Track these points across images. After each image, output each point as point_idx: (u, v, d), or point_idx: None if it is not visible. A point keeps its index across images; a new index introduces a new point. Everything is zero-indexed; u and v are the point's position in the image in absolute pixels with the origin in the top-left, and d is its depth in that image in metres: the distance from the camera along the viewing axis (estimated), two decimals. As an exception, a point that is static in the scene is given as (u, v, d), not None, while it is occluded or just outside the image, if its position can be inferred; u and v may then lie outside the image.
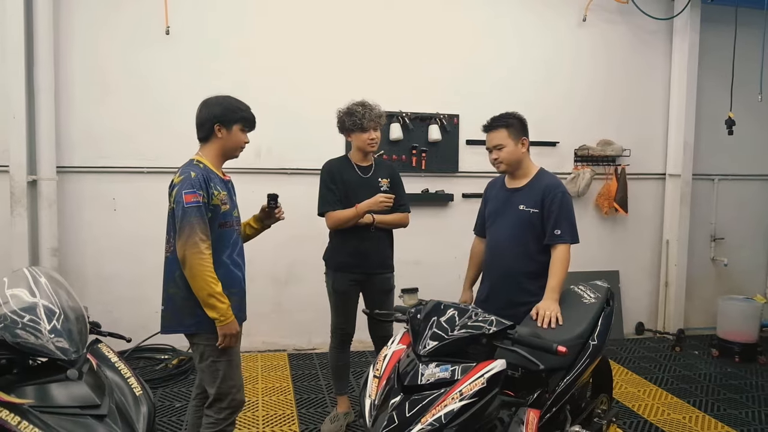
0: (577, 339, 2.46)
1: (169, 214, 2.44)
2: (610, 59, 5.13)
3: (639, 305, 5.35)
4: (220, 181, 2.50)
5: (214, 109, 2.48)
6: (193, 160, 2.47)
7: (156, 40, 4.34)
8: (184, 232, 2.33)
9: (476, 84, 4.85)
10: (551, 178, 2.87)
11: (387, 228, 3.36)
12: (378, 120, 3.23)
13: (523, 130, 2.85)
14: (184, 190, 2.33)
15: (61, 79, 4.25)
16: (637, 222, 5.29)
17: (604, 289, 2.81)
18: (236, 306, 2.55)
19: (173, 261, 2.41)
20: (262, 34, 4.55)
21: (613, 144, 5.07)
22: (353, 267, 3.28)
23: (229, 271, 2.52)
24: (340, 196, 3.25)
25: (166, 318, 2.50)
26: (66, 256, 4.35)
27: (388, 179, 3.35)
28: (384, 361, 2.13)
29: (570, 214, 2.78)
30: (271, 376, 4.28)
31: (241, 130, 2.53)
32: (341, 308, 3.37)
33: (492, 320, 2.06)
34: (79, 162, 4.33)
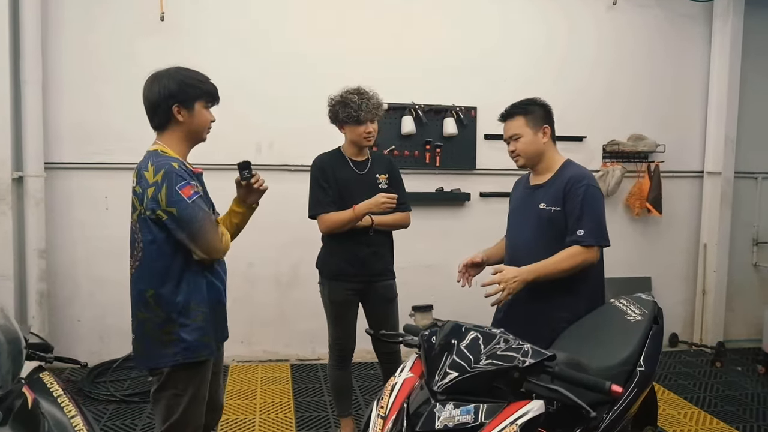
0: (623, 365, 2.03)
1: (136, 220, 1.98)
2: (643, 47, 4.63)
3: (673, 315, 4.81)
4: (192, 173, 2.05)
5: (168, 87, 1.97)
6: (157, 151, 1.99)
7: (150, 28, 3.98)
8: (203, 231, 1.92)
9: (495, 74, 4.40)
10: (576, 169, 2.41)
11: (387, 230, 2.95)
12: (376, 111, 2.82)
13: (545, 117, 2.42)
14: (176, 185, 1.88)
15: (50, 70, 3.92)
16: (671, 224, 4.77)
17: (651, 304, 2.35)
18: (213, 323, 2.09)
19: (141, 279, 1.98)
20: (265, 21, 4.17)
21: (645, 139, 4.56)
22: (351, 275, 2.88)
23: (210, 282, 2.07)
24: (333, 195, 2.83)
25: (136, 348, 2.07)
26: (54, 258, 4.01)
27: (387, 175, 2.94)
28: (391, 395, 1.70)
29: (597, 211, 2.31)
30: (271, 390, 3.87)
31: (204, 107, 2.04)
32: (339, 321, 2.96)
33: (527, 350, 1.61)
34: (68, 158, 3.99)
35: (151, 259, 1.96)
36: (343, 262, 2.88)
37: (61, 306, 4.06)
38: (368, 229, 2.84)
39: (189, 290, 1.98)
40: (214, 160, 3.97)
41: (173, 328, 1.96)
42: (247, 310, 4.23)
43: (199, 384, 2.05)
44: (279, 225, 4.16)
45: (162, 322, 1.96)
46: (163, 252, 1.95)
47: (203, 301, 2.02)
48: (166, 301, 1.95)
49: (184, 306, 1.97)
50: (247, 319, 4.23)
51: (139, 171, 1.96)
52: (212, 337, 2.06)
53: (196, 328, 1.98)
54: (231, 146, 4.05)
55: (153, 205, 1.90)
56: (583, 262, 2.27)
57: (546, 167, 2.43)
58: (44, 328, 3.92)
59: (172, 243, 1.95)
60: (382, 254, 2.93)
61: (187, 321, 1.97)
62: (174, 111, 1.98)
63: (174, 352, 1.97)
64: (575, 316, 2.29)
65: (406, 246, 3.17)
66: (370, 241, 2.86)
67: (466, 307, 3.02)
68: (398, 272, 3.91)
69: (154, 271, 1.96)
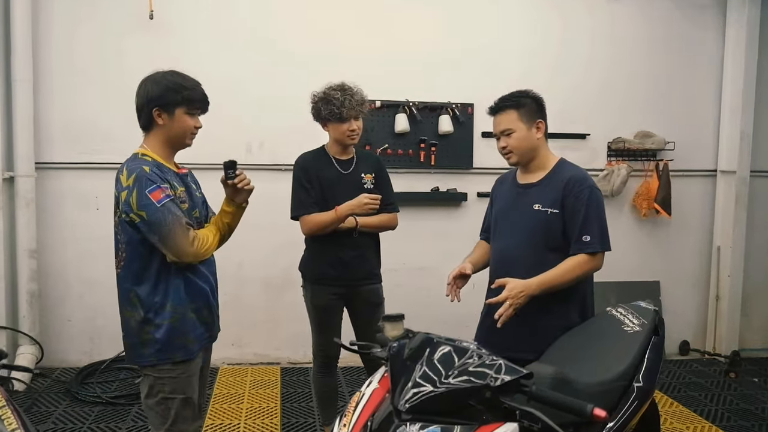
0: (616, 381, 1.86)
1: (117, 223, 1.99)
2: (651, 39, 4.37)
3: (683, 321, 4.53)
4: (174, 176, 2.05)
5: (151, 91, 1.99)
6: (138, 154, 2.01)
7: (139, 26, 3.91)
8: (172, 235, 1.90)
9: (493, 69, 4.20)
10: (575, 169, 2.24)
11: (372, 232, 2.80)
12: (360, 108, 2.68)
13: (539, 111, 2.24)
14: (146, 189, 1.89)
15: (40, 69, 3.88)
16: (681, 225, 4.48)
17: (651, 313, 2.17)
18: (202, 325, 2.09)
19: (125, 278, 2.00)
20: (255, 19, 4.06)
21: (653, 136, 4.30)
22: (334, 278, 2.74)
23: (190, 283, 2.03)
24: (316, 196, 2.71)
25: (125, 344, 2.08)
26: (45, 259, 3.97)
27: (373, 174, 2.80)
28: (355, 411, 1.56)
29: (601, 215, 2.15)
30: (259, 394, 3.76)
31: (186, 114, 2.02)
32: (323, 326, 2.82)
33: (500, 365, 1.45)
34: (59, 158, 3.95)
35: (130, 259, 1.99)
36: (325, 265, 2.75)
37: (52, 306, 4.03)
38: (352, 231, 2.70)
39: (166, 291, 1.98)
40: (203, 159, 3.90)
41: (150, 328, 1.97)
42: (237, 312, 4.12)
43: (186, 387, 2.04)
44: (270, 225, 4.03)
45: (141, 322, 1.98)
46: (140, 253, 1.97)
47: (181, 302, 2.00)
48: (143, 301, 1.97)
49: (161, 306, 1.97)
50: (237, 321, 4.12)
51: (118, 174, 1.97)
52: (192, 339, 2.03)
53: (170, 329, 1.98)
54: (221, 146, 3.94)
55: (126, 209, 1.92)
56: (590, 271, 2.14)
57: (539, 165, 2.25)
58: (35, 328, 3.89)
59: (148, 244, 1.95)
60: (367, 257, 2.78)
61: (163, 321, 1.97)
62: (154, 114, 1.99)
63: (150, 352, 1.99)
64: (567, 323, 2.13)
65: (399, 248, 3.02)
66: (354, 244, 2.72)
67: (462, 311, 2.85)
68: (392, 274, 3.76)
69: (134, 271, 1.99)
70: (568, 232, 2.14)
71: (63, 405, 3.51)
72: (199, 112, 2.06)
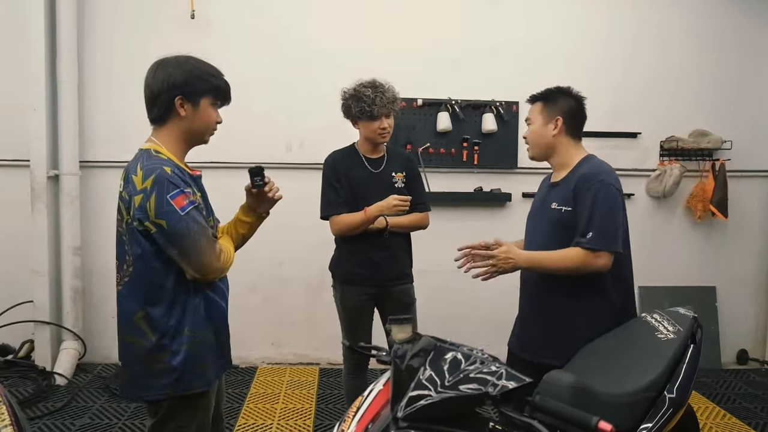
0: (644, 392, 1.71)
1: (124, 231, 1.70)
2: (707, 33, 4.09)
3: (741, 329, 4.23)
4: (190, 179, 1.74)
5: (173, 76, 1.69)
6: (150, 151, 1.70)
7: (181, 26, 3.86)
8: (197, 248, 1.64)
9: (538, 65, 3.99)
10: (593, 165, 2.09)
11: (404, 231, 2.70)
12: (391, 105, 2.56)
13: (566, 110, 2.12)
14: (168, 194, 1.60)
15: (86, 69, 3.88)
16: (739, 228, 4.19)
17: (689, 320, 1.99)
18: (219, 351, 1.81)
19: (129, 298, 1.70)
20: (297, 17, 3.96)
21: (709, 135, 4.02)
22: (365, 279, 2.64)
23: (210, 302, 1.77)
24: (345, 196, 2.63)
25: (123, 376, 1.79)
26: (90, 256, 3.96)
27: (404, 173, 2.68)
28: (354, 419, 1.47)
29: (608, 212, 1.98)
30: (295, 394, 3.66)
31: (211, 105, 1.76)
32: (353, 327, 2.72)
33: (502, 373, 1.35)
34: (103, 156, 3.93)
35: (140, 275, 1.68)
36: (356, 265, 2.65)
37: (96, 303, 4.01)
38: (383, 231, 2.59)
39: (183, 312, 1.69)
40: (247, 158, 3.83)
41: (164, 356, 1.67)
42: (278, 311, 4.05)
43: (203, 416, 1.80)
44: (309, 225, 3.88)
45: (152, 348, 1.67)
46: (154, 268, 1.66)
47: (200, 324, 1.73)
48: (157, 324, 1.67)
49: (177, 330, 1.68)
50: (277, 320, 4.05)
51: (127, 174, 1.68)
52: (210, 366, 1.77)
53: (190, 356, 1.70)
54: (262, 144, 3.89)
55: (140, 215, 1.62)
56: (583, 267, 1.96)
57: (561, 163, 2.15)
58: (78, 325, 3.88)
59: (164, 257, 1.66)
60: (398, 257, 2.68)
61: (181, 348, 1.68)
62: (176, 104, 1.70)
63: (164, 383, 1.68)
64: (599, 328, 1.99)
65: (441, 249, 2.90)
66: (385, 244, 2.62)
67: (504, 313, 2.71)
68: (432, 276, 3.61)
69: (145, 289, 1.68)
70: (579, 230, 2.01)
71: (101, 400, 3.48)
72: (221, 104, 1.81)
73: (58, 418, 3.26)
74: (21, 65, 3.75)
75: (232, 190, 1.97)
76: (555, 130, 2.12)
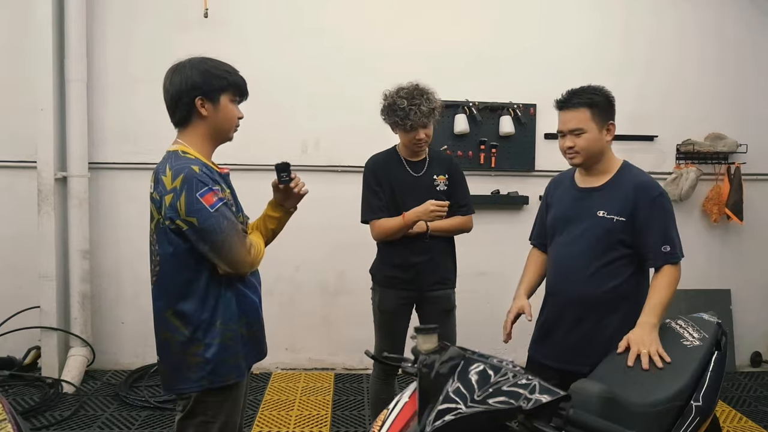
0: (672, 401, 1.64)
1: (155, 229, 1.70)
2: (723, 36, 4.01)
3: (756, 332, 4.17)
4: (219, 177, 1.76)
5: (191, 77, 1.71)
6: (178, 152, 1.70)
7: (194, 25, 3.71)
8: (228, 243, 1.64)
9: (557, 68, 3.89)
10: (642, 174, 2.05)
11: (446, 236, 2.60)
12: (426, 118, 2.44)
13: (610, 112, 2.05)
14: (197, 192, 1.61)
15: (95, 68, 3.71)
16: (754, 232, 4.12)
17: (714, 326, 1.94)
18: (251, 343, 1.82)
19: (162, 294, 1.71)
20: (311, 14, 3.82)
21: (725, 138, 3.96)
22: (404, 283, 2.56)
23: (242, 296, 1.77)
24: (386, 200, 2.55)
25: (162, 372, 1.80)
26: (99, 259, 3.80)
27: (446, 176, 2.59)
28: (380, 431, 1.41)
29: (675, 222, 2.00)
30: (310, 401, 3.53)
31: (231, 101, 1.77)
32: (387, 331, 2.65)
33: (535, 385, 1.30)
34: (113, 158, 3.77)
35: (171, 273, 1.69)
36: (395, 268, 2.58)
37: (105, 308, 3.85)
38: (424, 235, 2.50)
39: (216, 306, 1.70)
40: (257, 159, 3.69)
41: (198, 349, 1.69)
42: (293, 316, 3.91)
43: (230, 410, 1.78)
44: (326, 228, 3.83)
45: (185, 342, 1.69)
46: (186, 264, 1.68)
47: (233, 317, 1.74)
48: (190, 318, 1.69)
49: (210, 324, 1.70)
50: (292, 324, 3.90)
51: (157, 175, 1.69)
52: (243, 357, 1.78)
53: (223, 348, 1.71)
54: (275, 145, 3.75)
55: (171, 214, 1.63)
56: (677, 282, 1.95)
57: (603, 168, 2.06)
58: (86, 330, 3.71)
59: (196, 254, 1.67)
60: (439, 262, 2.58)
61: (214, 341, 1.70)
62: (197, 104, 1.71)
63: (199, 376, 1.70)
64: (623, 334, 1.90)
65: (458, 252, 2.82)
66: (425, 248, 2.54)
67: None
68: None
69: (175, 286, 1.69)
70: (638, 241, 1.96)
71: (111, 408, 3.33)
72: (240, 100, 1.81)
73: (65, 427, 3.10)
74: (27, 62, 3.58)
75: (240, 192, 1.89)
76: (608, 136, 2.04)
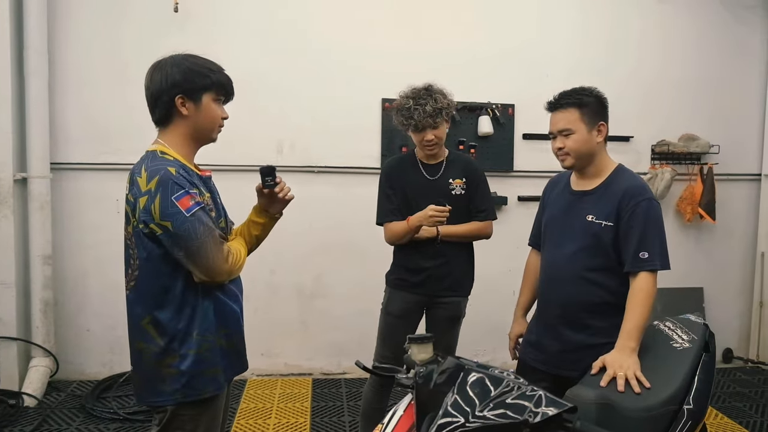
0: (667, 404, 1.60)
1: (131, 233, 1.59)
2: (696, 40, 4.02)
3: (727, 329, 4.19)
4: (199, 179, 1.65)
5: (171, 76, 1.60)
6: (156, 152, 1.60)
7: (164, 19, 3.51)
8: (204, 250, 1.54)
9: (535, 68, 3.84)
10: (633, 179, 1.97)
11: (461, 241, 2.51)
12: (432, 119, 2.35)
13: (601, 112, 1.98)
14: (172, 195, 1.51)
15: (57, 63, 3.47)
16: (726, 231, 4.15)
17: (701, 327, 1.89)
18: (230, 355, 1.71)
19: (136, 302, 1.61)
20: (286, 11, 3.66)
21: (698, 139, 3.97)
22: (413, 286, 2.50)
23: (221, 305, 1.66)
24: (398, 203, 2.49)
25: (135, 382, 1.69)
26: (63, 264, 3.57)
27: (464, 179, 2.50)
28: None
29: (661, 230, 1.90)
30: (288, 408, 3.38)
31: (214, 101, 1.65)
32: (390, 337, 2.53)
33: (540, 397, 1.23)
34: (77, 158, 3.54)
35: (147, 278, 1.59)
36: (405, 271, 2.51)
37: (69, 315, 3.61)
38: (434, 239, 2.43)
39: (192, 315, 1.59)
40: (230, 160, 3.52)
41: (172, 361, 1.58)
42: (268, 320, 3.75)
43: (208, 424, 1.67)
44: (302, 231, 3.69)
45: (160, 353, 1.58)
46: (161, 271, 1.57)
47: (210, 328, 1.63)
48: (165, 328, 1.58)
49: (186, 334, 1.59)
50: (267, 329, 3.74)
51: (132, 176, 1.58)
52: (221, 370, 1.66)
53: (200, 360, 1.60)
54: (250, 146, 3.58)
55: (145, 218, 1.53)
56: (654, 291, 1.86)
57: (596, 171, 2.00)
58: (49, 340, 3.47)
59: (172, 260, 1.56)
60: (453, 267, 2.49)
61: (189, 352, 1.59)
62: (177, 103, 1.61)
63: (173, 388, 1.59)
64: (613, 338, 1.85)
65: None
66: (437, 253, 2.45)
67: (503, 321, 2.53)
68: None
69: (151, 292, 1.59)
70: (622, 247, 1.88)
71: (77, 422, 3.12)
72: (225, 99, 1.70)
73: (27, 443, 2.89)
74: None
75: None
76: (599, 137, 1.97)
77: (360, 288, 3.76)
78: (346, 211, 3.74)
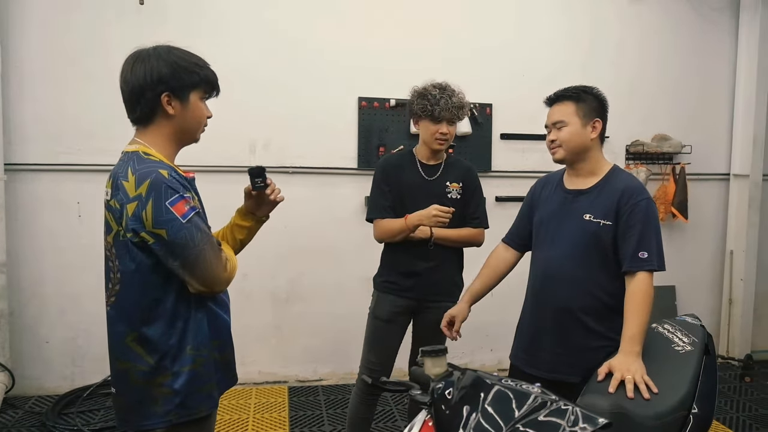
0: (677, 410, 1.55)
1: (112, 244, 1.43)
2: (667, 41, 4.01)
3: (698, 326, 4.22)
4: (186, 182, 1.50)
5: (157, 70, 1.43)
6: (139, 153, 1.44)
7: (129, 12, 3.28)
8: (202, 259, 1.41)
9: (513, 68, 3.76)
10: (630, 179, 1.95)
11: (452, 246, 2.41)
12: (455, 112, 2.31)
13: (598, 110, 1.95)
14: (166, 200, 1.37)
15: (11, 57, 3.19)
16: (697, 230, 4.15)
17: (700, 329, 1.85)
18: (223, 368, 1.58)
19: (117, 319, 1.45)
20: (256, 3, 3.47)
21: (670, 139, 3.95)
22: (403, 290, 2.40)
23: (214, 316, 1.53)
24: (392, 200, 2.40)
25: (119, 405, 1.52)
26: (18, 272, 3.28)
27: (460, 184, 2.41)
28: None
29: (659, 231, 1.86)
30: (265, 419, 3.19)
31: (201, 99, 1.51)
32: (377, 343, 2.42)
33: (575, 414, 1.16)
34: (34, 158, 3.27)
35: (133, 293, 1.43)
36: (395, 274, 2.41)
37: (26, 326, 3.33)
38: (427, 241, 2.33)
39: (185, 329, 1.46)
40: (203, 161, 3.29)
41: (165, 379, 1.45)
42: (241, 326, 3.40)
43: None
44: (277, 232, 3.46)
45: (150, 372, 1.44)
46: (151, 283, 1.43)
47: (204, 341, 1.49)
48: (155, 345, 1.43)
49: (179, 350, 1.45)
50: (240, 336, 3.40)
51: (116, 180, 1.42)
52: (215, 385, 1.54)
53: (194, 376, 1.47)
54: (222, 145, 3.37)
55: (135, 226, 1.38)
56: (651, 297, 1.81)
57: (590, 170, 1.95)
58: (4, 353, 3.19)
59: (163, 271, 1.42)
60: (444, 272, 2.41)
61: (183, 369, 1.46)
62: (163, 101, 1.45)
63: (166, 410, 1.45)
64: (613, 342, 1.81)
65: None
66: (429, 255, 2.35)
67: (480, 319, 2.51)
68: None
69: (138, 307, 1.43)
70: (621, 247, 1.84)
71: (36, 440, 2.87)
72: (209, 96, 1.56)
73: (-18, 467, 2.63)
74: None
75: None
76: (593, 134, 1.92)
77: (336, 291, 3.62)
78: (321, 212, 3.59)
